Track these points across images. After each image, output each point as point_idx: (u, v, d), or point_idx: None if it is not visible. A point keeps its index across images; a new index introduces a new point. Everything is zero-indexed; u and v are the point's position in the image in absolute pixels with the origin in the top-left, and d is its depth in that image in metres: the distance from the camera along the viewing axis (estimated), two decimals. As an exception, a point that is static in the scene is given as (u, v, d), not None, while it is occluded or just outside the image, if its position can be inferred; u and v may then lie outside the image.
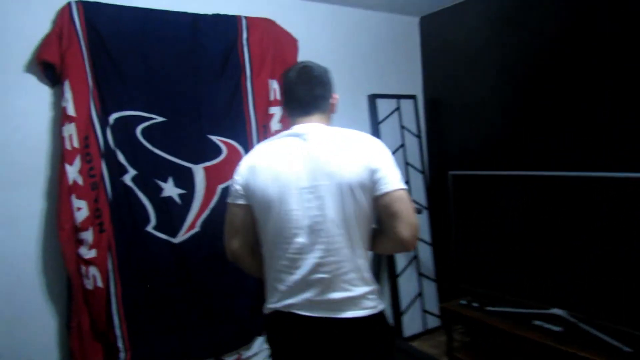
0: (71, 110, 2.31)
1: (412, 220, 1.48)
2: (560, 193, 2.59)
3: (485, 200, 2.97)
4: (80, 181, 2.33)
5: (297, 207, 1.50)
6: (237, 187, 1.62)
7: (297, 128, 1.59)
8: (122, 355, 2.50)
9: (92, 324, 2.44)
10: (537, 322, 2.61)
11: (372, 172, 1.48)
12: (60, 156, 2.33)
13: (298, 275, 1.52)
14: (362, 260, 1.54)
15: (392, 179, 1.49)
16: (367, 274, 1.56)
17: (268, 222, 1.56)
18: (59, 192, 2.31)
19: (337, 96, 1.67)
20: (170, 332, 2.64)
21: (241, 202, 1.62)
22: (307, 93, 1.59)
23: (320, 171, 1.49)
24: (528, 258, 2.75)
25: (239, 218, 1.64)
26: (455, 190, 3.08)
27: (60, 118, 2.35)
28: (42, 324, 2.42)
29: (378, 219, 1.57)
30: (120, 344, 2.49)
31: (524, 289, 2.79)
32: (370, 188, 1.49)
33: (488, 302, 2.91)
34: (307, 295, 1.52)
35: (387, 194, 1.48)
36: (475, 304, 2.94)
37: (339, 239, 1.50)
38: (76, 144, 2.31)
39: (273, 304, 1.59)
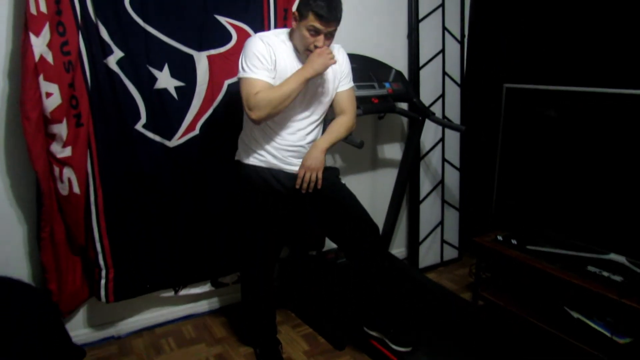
0: (37, -39, 1.74)
1: None
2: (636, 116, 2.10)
3: (543, 120, 2.48)
4: (49, 58, 1.80)
5: None
6: None
7: None
8: (103, 273, 2.15)
9: (67, 235, 2.05)
10: (592, 269, 2.23)
11: None
12: (23, 23, 1.78)
13: None
14: None
15: None
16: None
17: None
18: (22, 70, 1.78)
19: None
20: (161, 249, 2.29)
21: None
22: None
23: None
24: (585, 192, 2.34)
25: None
26: (508, 106, 2.58)
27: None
28: (7, 231, 2.02)
29: None
30: (101, 261, 2.12)
31: (576, 229, 2.40)
32: None
33: (529, 240, 2.52)
34: None
35: None
36: (514, 241, 2.55)
37: None
38: (44, 8, 1.76)
39: None
